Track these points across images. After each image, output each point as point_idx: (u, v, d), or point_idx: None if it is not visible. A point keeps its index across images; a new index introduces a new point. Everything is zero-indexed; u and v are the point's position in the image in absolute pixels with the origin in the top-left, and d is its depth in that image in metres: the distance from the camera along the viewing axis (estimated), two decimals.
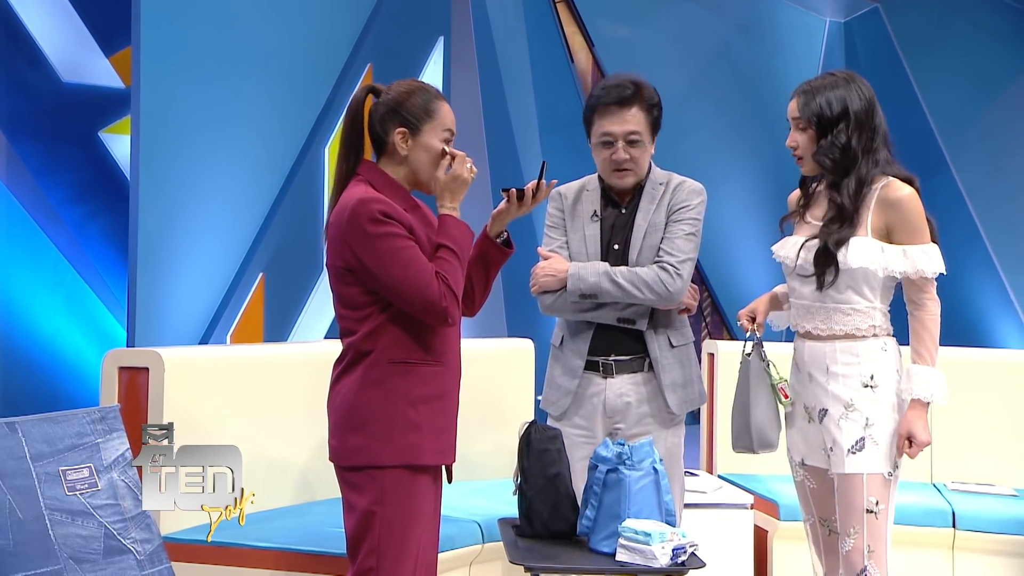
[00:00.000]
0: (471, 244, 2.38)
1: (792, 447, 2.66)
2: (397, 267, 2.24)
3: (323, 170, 5.39)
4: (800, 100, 2.53)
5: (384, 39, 5.65)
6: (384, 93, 2.38)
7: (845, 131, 2.48)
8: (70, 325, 5.03)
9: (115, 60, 5.15)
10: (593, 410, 2.76)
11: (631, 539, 2.42)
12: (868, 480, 2.45)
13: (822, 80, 2.55)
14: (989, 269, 7.02)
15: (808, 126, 2.52)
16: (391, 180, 2.36)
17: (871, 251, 2.46)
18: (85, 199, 5.11)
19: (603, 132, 2.71)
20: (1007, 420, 3.98)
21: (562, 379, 2.79)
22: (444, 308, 2.26)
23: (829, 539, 2.61)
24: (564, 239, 2.81)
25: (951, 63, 7.26)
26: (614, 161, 2.72)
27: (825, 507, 2.60)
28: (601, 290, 2.68)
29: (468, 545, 3.19)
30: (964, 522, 3.60)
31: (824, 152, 2.50)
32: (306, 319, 5.35)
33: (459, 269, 2.31)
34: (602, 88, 2.74)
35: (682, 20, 7.55)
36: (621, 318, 2.73)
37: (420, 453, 2.29)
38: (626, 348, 2.75)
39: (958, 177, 7.11)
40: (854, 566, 2.45)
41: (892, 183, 2.49)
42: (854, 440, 2.47)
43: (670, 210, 2.75)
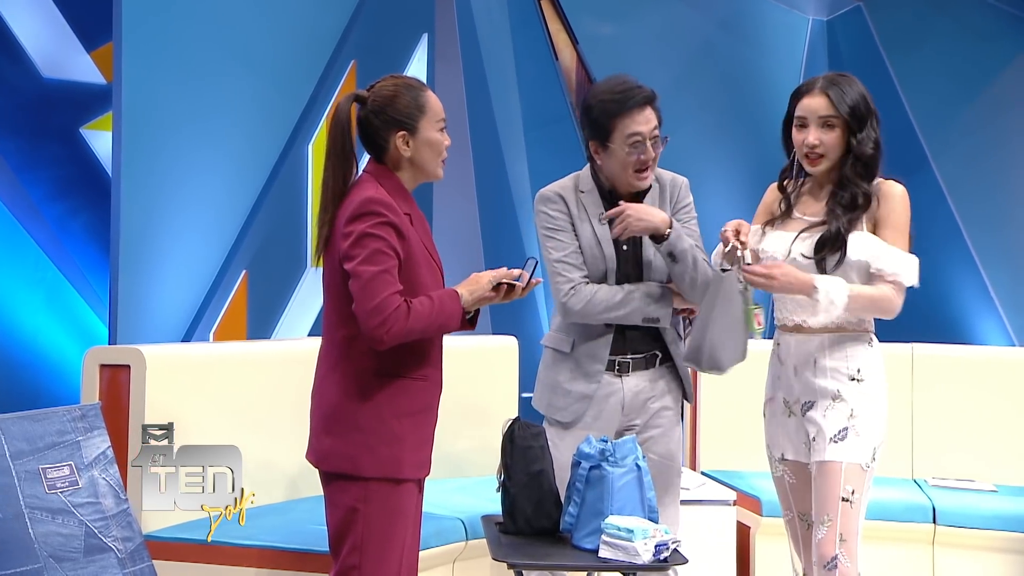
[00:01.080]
0: (449, 323, 2.33)
1: (772, 442, 2.68)
2: (372, 264, 2.24)
3: (307, 167, 5.36)
4: (831, 96, 2.52)
5: (368, 36, 5.63)
6: (370, 100, 2.36)
7: (873, 128, 2.52)
8: (51, 322, 4.99)
9: (96, 56, 5.10)
10: (611, 413, 2.77)
11: (614, 535, 2.43)
12: (847, 469, 2.47)
13: (837, 78, 2.57)
14: (969, 266, 7.07)
15: (839, 124, 2.52)
16: (398, 183, 2.36)
17: (870, 245, 2.49)
18: (66, 196, 5.07)
19: (632, 133, 2.70)
20: (987, 416, 4.02)
21: (574, 384, 2.77)
22: (384, 331, 2.22)
23: (807, 534, 2.63)
24: (577, 242, 2.79)
25: (933, 61, 7.30)
26: (641, 162, 2.73)
27: (804, 502, 2.62)
28: (685, 258, 2.73)
29: (452, 542, 3.20)
30: (945, 518, 3.63)
31: (864, 147, 2.50)
32: (290, 316, 5.33)
33: (426, 322, 2.27)
34: (618, 92, 2.72)
35: (666, 18, 7.56)
36: (647, 317, 2.75)
37: (401, 467, 2.29)
38: (643, 345, 2.79)
39: (939, 174, 7.15)
40: (825, 555, 2.47)
41: (888, 181, 2.55)
42: (838, 429, 2.50)
43: (675, 210, 2.81)
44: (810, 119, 2.54)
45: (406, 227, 2.31)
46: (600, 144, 2.76)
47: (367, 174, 2.38)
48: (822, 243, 2.51)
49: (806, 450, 2.57)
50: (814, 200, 2.61)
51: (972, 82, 7.23)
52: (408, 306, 2.25)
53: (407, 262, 2.30)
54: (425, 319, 2.27)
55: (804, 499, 2.62)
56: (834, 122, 2.52)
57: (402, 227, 2.29)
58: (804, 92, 2.58)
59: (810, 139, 2.54)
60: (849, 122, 2.51)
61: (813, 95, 2.55)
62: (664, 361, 2.80)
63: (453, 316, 2.32)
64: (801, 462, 2.60)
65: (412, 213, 2.37)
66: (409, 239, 2.31)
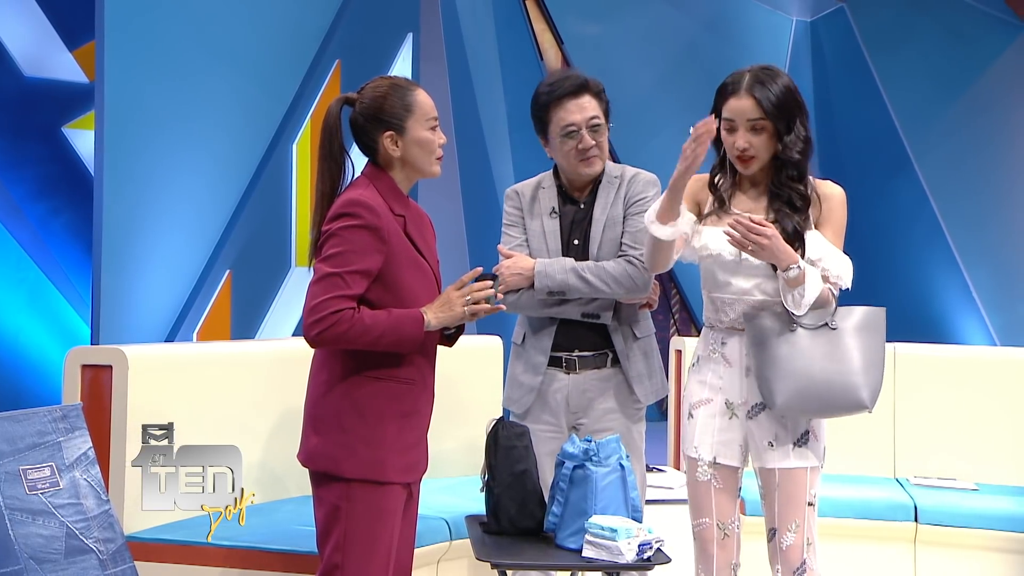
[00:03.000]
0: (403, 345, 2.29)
1: (700, 444, 2.55)
2: (330, 265, 2.23)
3: (291, 167, 5.36)
4: (759, 97, 2.43)
5: (352, 35, 5.62)
6: (359, 101, 2.35)
7: (803, 125, 2.45)
8: (33, 322, 4.97)
9: (79, 54, 5.09)
10: (556, 406, 2.78)
11: (597, 535, 2.43)
12: (811, 473, 2.46)
13: (762, 74, 2.45)
14: (951, 266, 7.13)
15: (766, 125, 2.43)
16: (392, 184, 2.35)
17: (819, 245, 2.44)
18: (48, 195, 5.05)
19: (566, 123, 2.71)
20: (969, 415, 4.04)
21: (524, 376, 2.79)
22: (315, 331, 2.21)
23: (724, 543, 2.55)
24: (524, 237, 2.81)
25: (915, 62, 7.36)
26: (580, 150, 2.72)
27: (723, 510, 2.55)
28: (569, 286, 2.69)
29: (436, 542, 3.19)
30: (926, 516, 3.65)
31: (793, 147, 2.44)
32: (274, 316, 5.32)
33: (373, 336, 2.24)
34: (549, 84, 2.75)
35: (650, 18, 7.59)
36: (585, 313, 2.74)
37: (384, 470, 2.28)
38: (589, 343, 2.77)
39: (921, 174, 7.21)
40: (793, 561, 2.45)
41: (826, 182, 2.51)
42: (800, 433, 2.46)
43: (627, 203, 2.76)
44: (738, 122, 2.45)
45: (390, 230, 2.29)
46: (544, 137, 2.79)
47: (363, 176, 2.37)
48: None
49: (740, 455, 2.51)
50: (747, 197, 2.53)
51: (954, 83, 7.29)
52: (353, 314, 2.22)
53: (389, 265, 2.28)
54: (372, 334, 2.23)
55: (724, 507, 2.54)
56: (762, 124, 2.44)
57: (384, 230, 2.27)
58: (730, 92, 2.47)
59: (739, 143, 2.45)
60: (777, 125, 2.43)
61: (739, 97, 2.45)
62: (616, 363, 2.77)
63: (409, 340, 2.28)
64: (732, 466, 2.52)
65: (407, 214, 2.36)
66: (392, 242, 2.29)
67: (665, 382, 2.87)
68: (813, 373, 2.40)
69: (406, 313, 2.28)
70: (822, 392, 2.40)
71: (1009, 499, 3.74)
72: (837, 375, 2.40)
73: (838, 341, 2.42)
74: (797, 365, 2.40)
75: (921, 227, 6.93)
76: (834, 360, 2.41)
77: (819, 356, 2.41)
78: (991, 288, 7.06)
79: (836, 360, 2.41)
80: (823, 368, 2.40)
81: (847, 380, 2.40)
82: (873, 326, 2.45)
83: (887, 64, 7.49)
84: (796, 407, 2.41)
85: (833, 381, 2.40)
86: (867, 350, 2.42)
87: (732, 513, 2.55)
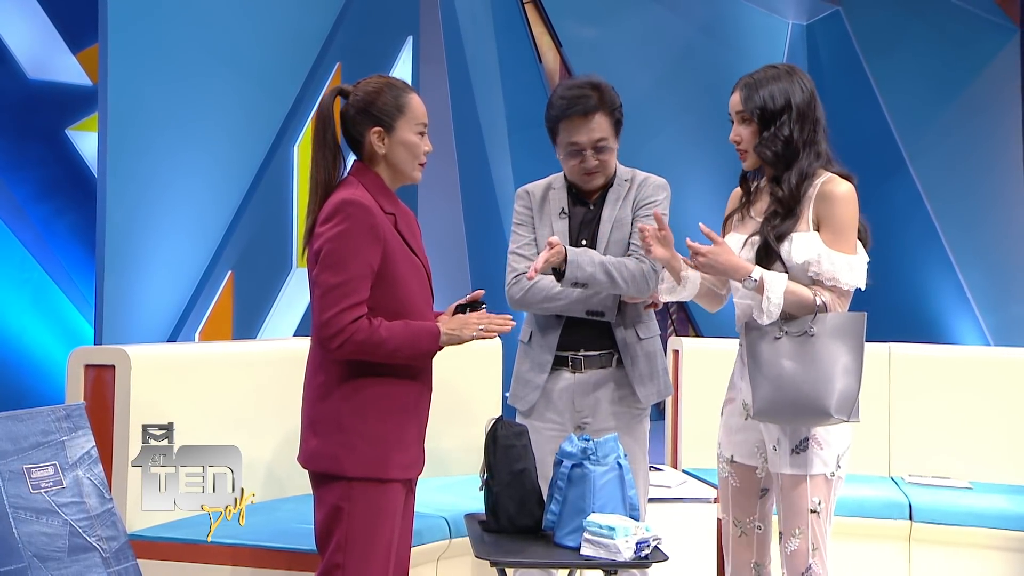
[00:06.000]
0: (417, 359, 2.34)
1: (723, 441, 2.61)
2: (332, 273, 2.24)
3: (292, 168, 5.38)
4: (743, 93, 2.48)
5: (353, 38, 5.65)
6: (352, 94, 2.38)
7: (787, 124, 2.44)
8: (37, 323, 5.00)
9: (82, 57, 5.11)
10: (562, 405, 2.80)
11: (596, 533, 2.45)
12: (812, 481, 2.43)
13: (764, 72, 2.50)
14: (946, 267, 7.16)
15: (751, 119, 2.47)
16: (380, 182, 2.36)
17: (810, 248, 2.41)
18: (52, 196, 5.08)
19: (571, 143, 2.74)
20: (963, 415, 4.07)
21: (530, 374, 2.82)
22: (335, 344, 2.23)
23: (740, 540, 2.59)
24: (533, 236, 2.84)
25: (910, 65, 7.39)
26: (583, 168, 2.76)
27: (742, 508, 2.58)
28: (595, 280, 2.67)
29: (435, 540, 3.21)
30: (921, 514, 3.68)
31: (766, 145, 2.45)
32: (275, 317, 5.34)
33: (391, 347, 2.26)
34: (563, 98, 2.74)
35: (648, 21, 7.62)
36: (590, 310, 2.76)
37: (386, 467, 2.30)
38: (595, 343, 2.79)
39: (916, 176, 7.24)
40: (798, 566, 2.45)
41: (833, 179, 2.45)
42: (798, 440, 2.43)
43: (636, 205, 2.79)
44: (732, 115, 2.53)
45: (384, 229, 2.30)
46: (553, 143, 2.83)
47: (351, 175, 2.38)
48: (757, 255, 2.45)
49: (757, 455, 2.53)
50: (767, 196, 2.53)
51: (949, 85, 7.32)
52: (370, 323, 2.24)
53: (386, 265, 2.30)
54: (389, 347, 2.25)
55: (742, 505, 2.58)
56: (747, 118, 2.48)
57: (379, 229, 2.28)
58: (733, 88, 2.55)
59: (732, 135, 2.53)
60: (756, 120, 2.46)
61: (734, 91, 2.52)
62: (621, 363, 2.79)
63: (424, 353, 2.32)
64: (749, 466, 2.55)
65: (397, 213, 2.37)
66: (388, 241, 2.30)
67: (669, 384, 2.87)
68: (783, 381, 2.35)
69: (422, 327, 2.31)
70: (793, 399, 2.34)
71: (1003, 497, 3.78)
72: (805, 384, 2.34)
73: (812, 348, 2.35)
74: (772, 372, 2.37)
75: (916, 228, 6.95)
76: (805, 366, 2.34)
77: (792, 363, 2.36)
78: (985, 288, 7.09)
79: (807, 367, 2.34)
80: (794, 375, 2.34)
81: (816, 388, 2.33)
82: (850, 331, 2.36)
83: (882, 67, 7.52)
84: (769, 414, 2.39)
85: (801, 389, 2.34)
86: (842, 356, 2.35)
87: (752, 512, 2.57)
